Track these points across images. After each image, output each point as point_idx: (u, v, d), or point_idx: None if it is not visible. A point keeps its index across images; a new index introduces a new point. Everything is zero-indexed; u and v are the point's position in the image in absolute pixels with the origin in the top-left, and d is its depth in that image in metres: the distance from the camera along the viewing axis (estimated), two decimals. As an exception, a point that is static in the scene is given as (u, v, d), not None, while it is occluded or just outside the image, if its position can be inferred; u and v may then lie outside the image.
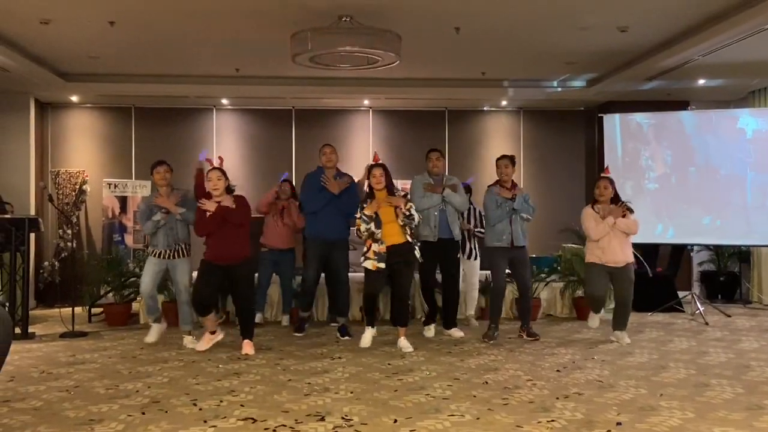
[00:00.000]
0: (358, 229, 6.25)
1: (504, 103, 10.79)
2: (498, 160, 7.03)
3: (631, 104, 9.90)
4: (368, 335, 6.36)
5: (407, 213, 6.16)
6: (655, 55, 7.94)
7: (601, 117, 9.71)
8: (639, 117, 9.41)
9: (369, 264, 6.19)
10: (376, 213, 6.19)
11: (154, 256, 6.51)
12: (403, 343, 6.13)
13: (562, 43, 7.76)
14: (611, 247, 6.43)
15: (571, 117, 11.12)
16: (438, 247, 6.73)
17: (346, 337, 6.75)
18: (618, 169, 9.35)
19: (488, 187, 6.98)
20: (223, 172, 6.13)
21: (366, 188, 6.58)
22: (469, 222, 7.60)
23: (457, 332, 6.92)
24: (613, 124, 9.51)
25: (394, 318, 6.49)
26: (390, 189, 6.29)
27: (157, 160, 6.68)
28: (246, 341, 6.08)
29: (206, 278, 6.01)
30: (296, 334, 6.96)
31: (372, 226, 6.17)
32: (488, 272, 7.12)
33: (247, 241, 6.14)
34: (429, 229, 6.72)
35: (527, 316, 6.94)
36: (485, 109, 11.10)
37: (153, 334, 6.71)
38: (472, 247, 7.71)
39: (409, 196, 6.51)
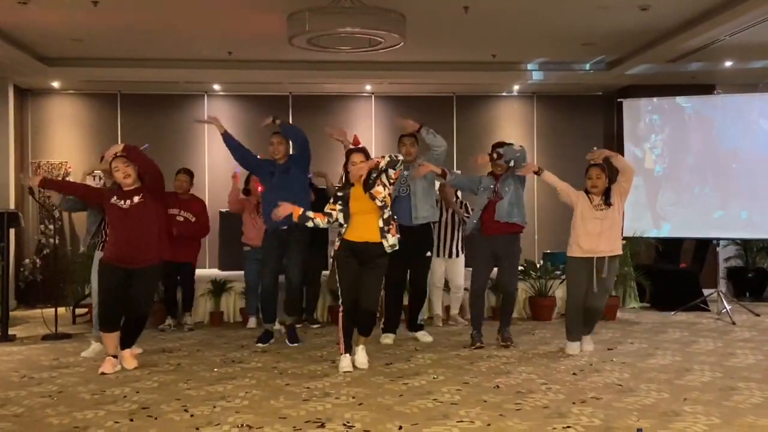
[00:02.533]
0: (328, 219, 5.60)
1: (516, 87, 10.76)
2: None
3: (653, 88, 9.87)
4: (346, 362, 5.53)
5: (389, 160, 5.49)
6: (678, 36, 7.92)
7: (621, 102, 9.69)
8: (662, 101, 9.38)
9: (336, 244, 5.60)
10: (347, 196, 5.55)
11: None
12: (360, 355, 5.59)
13: (578, 23, 7.74)
14: (588, 232, 5.96)
15: (589, 102, 11.08)
16: (407, 234, 6.12)
17: (294, 344, 6.51)
18: (638, 159, 9.35)
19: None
20: (130, 158, 5.54)
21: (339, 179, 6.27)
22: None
23: (423, 336, 6.80)
24: (634, 109, 9.48)
25: (357, 326, 5.65)
26: (368, 178, 5.55)
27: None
28: (126, 351, 5.60)
29: (109, 283, 5.53)
30: (258, 345, 6.53)
31: (340, 215, 5.54)
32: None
33: (161, 242, 5.65)
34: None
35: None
36: (496, 94, 11.08)
37: (94, 350, 6.21)
38: (456, 244, 7.69)
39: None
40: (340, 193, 5.64)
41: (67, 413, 4.36)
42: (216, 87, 10.52)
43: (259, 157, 6.77)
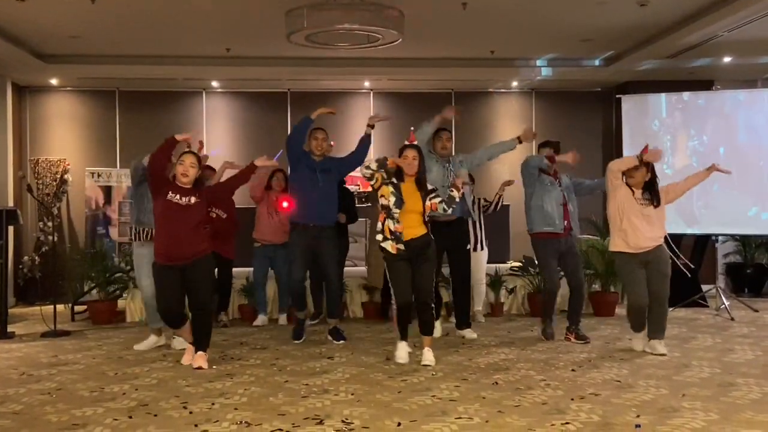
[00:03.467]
0: (368, 168, 5.57)
1: (515, 83, 10.76)
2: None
3: (652, 84, 9.86)
4: (403, 350, 5.68)
5: (449, 204, 5.61)
6: (677, 32, 7.91)
7: (619, 98, 9.69)
8: (661, 97, 9.38)
9: (389, 245, 5.53)
10: (399, 187, 5.56)
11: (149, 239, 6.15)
12: (426, 355, 5.60)
13: (577, 19, 7.73)
14: (636, 225, 5.85)
15: (587, 98, 11.09)
16: (446, 228, 6.33)
17: (341, 341, 6.57)
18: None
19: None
20: (199, 159, 5.66)
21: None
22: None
23: (470, 333, 6.77)
24: (632, 105, 9.48)
25: (420, 327, 5.72)
26: (421, 178, 5.65)
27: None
28: (200, 353, 5.60)
29: (165, 285, 5.55)
30: (295, 342, 6.59)
31: (391, 198, 5.52)
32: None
33: (206, 235, 5.67)
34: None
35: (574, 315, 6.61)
36: (495, 90, 11.07)
37: (149, 344, 6.39)
38: (479, 236, 7.69)
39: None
40: (394, 180, 5.60)
41: (66, 410, 4.37)
42: (214, 84, 10.52)
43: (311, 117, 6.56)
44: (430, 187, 5.70)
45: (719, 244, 10.28)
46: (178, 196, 5.47)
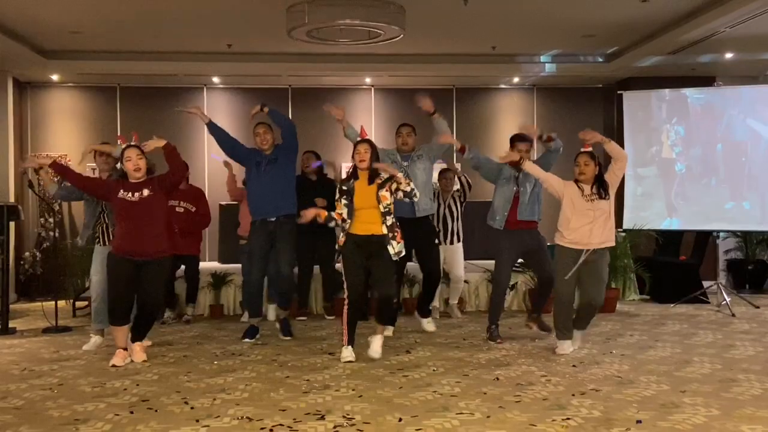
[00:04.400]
0: (335, 218, 5.65)
1: (516, 79, 10.75)
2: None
3: (653, 80, 9.86)
4: (348, 352, 5.59)
5: (407, 189, 5.53)
6: (679, 27, 7.90)
7: (621, 94, 9.68)
8: (662, 93, 9.37)
9: (342, 237, 5.64)
10: (352, 190, 5.59)
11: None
12: (374, 345, 5.63)
13: (579, 15, 7.72)
14: (579, 222, 5.69)
15: (589, 94, 11.08)
16: (411, 227, 6.23)
17: (288, 337, 6.50)
18: (639, 151, 9.35)
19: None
20: (142, 151, 5.57)
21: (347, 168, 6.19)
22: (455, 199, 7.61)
23: (428, 324, 6.76)
24: (633, 101, 9.47)
25: (377, 314, 5.84)
26: (373, 170, 5.65)
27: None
28: (137, 344, 5.59)
29: (118, 274, 5.48)
30: (244, 340, 6.42)
31: (344, 210, 5.58)
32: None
33: (168, 233, 5.65)
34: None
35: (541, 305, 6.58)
36: (496, 86, 11.06)
37: (94, 344, 6.22)
38: (454, 228, 7.63)
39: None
40: (344, 187, 5.65)
41: (68, 406, 4.37)
42: (215, 80, 10.51)
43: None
44: (384, 176, 5.58)
45: (720, 240, 10.28)
46: (129, 194, 5.46)
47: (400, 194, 5.57)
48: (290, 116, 10.63)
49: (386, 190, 5.56)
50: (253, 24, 7.89)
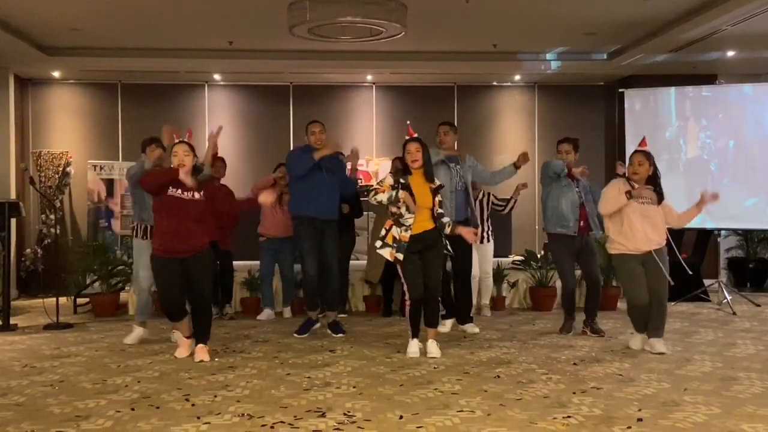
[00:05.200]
0: (375, 196, 5.59)
1: (518, 77, 10.74)
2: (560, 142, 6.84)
3: (655, 78, 9.85)
4: (415, 347, 5.66)
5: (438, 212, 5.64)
6: (681, 25, 7.90)
7: (622, 92, 9.67)
8: (664, 91, 9.36)
9: (386, 253, 5.58)
10: (409, 187, 5.54)
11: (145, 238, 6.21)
12: (430, 347, 5.61)
13: (580, 13, 7.71)
14: (638, 227, 5.73)
15: (590, 92, 11.07)
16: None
17: (340, 335, 6.58)
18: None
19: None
20: (192, 148, 5.57)
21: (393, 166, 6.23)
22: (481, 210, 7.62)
23: (472, 327, 6.76)
24: (635, 99, 9.46)
25: (425, 319, 5.73)
26: (428, 169, 5.66)
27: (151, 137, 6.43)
28: (200, 346, 5.58)
29: (166, 277, 5.50)
30: (296, 335, 6.54)
31: (402, 206, 5.53)
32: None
33: (209, 229, 5.64)
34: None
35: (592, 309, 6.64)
36: (498, 84, 11.06)
37: (136, 336, 6.36)
38: (485, 229, 7.68)
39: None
40: (402, 180, 5.58)
41: (69, 402, 4.37)
42: (216, 77, 10.51)
43: (316, 159, 6.43)
44: (437, 183, 5.70)
45: (721, 238, 10.28)
46: (179, 191, 5.42)
47: (438, 211, 5.67)
48: (291, 114, 10.70)
49: (438, 197, 5.64)
50: (255, 21, 7.89)
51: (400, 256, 5.54)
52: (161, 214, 5.46)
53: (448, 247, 5.72)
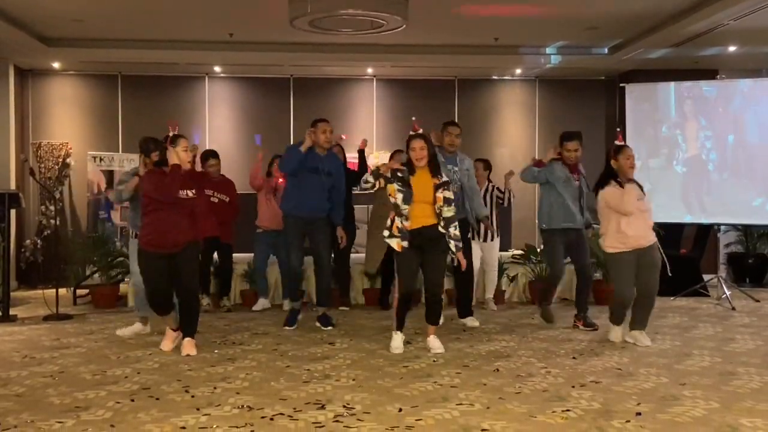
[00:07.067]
0: (366, 182, 5.60)
1: (519, 71, 10.72)
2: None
3: (656, 73, 9.84)
4: (398, 341, 5.62)
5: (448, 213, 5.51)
6: (683, 20, 7.88)
7: (623, 87, 9.66)
8: (665, 86, 9.35)
9: (394, 243, 5.49)
10: (409, 183, 5.47)
11: None
12: (434, 343, 5.59)
13: (582, 6, 7.70)
14: (635, 225, 5.72)
15: (591, 87, 11.06)
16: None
17: (329, 327, 6.56)
18: (642, 143, 9.33)
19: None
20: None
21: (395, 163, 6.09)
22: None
23: (472, 321, 6.79)
24: (636, 94, 9.45)
25: (427, 316, 5.71)
26: (435, 164, 5.55)
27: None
28: (187, 339, 5.57)
29: (152, 269, 5.46)
30: (285, 328, 6.55)
31: (398, 195, 5.45)
32: None
33: (204, 224, 5.64)
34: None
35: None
36: (498, 78, 11.04)
37: (132, 330, 6.35)
38: (493, 225, 7.64)
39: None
40: (399, 174, 5.51)
41: (69, 393, 4.38)
42: (217, 69, 10.49)
43: (302, 151, 6.40)
44: (444, 178, 5.57)
45: (721, 233, 10.29)
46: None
47: (444, 206, 5.51)
48: (291, 106, 10.69)
49: (441, 192, 5.49)
50: (255, 13, 7.87)
51: (406, 244, 5.46)
52: (150, 209, 5.42)
53: (452, 247, 5.53)
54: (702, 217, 9.06)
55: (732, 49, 9.16)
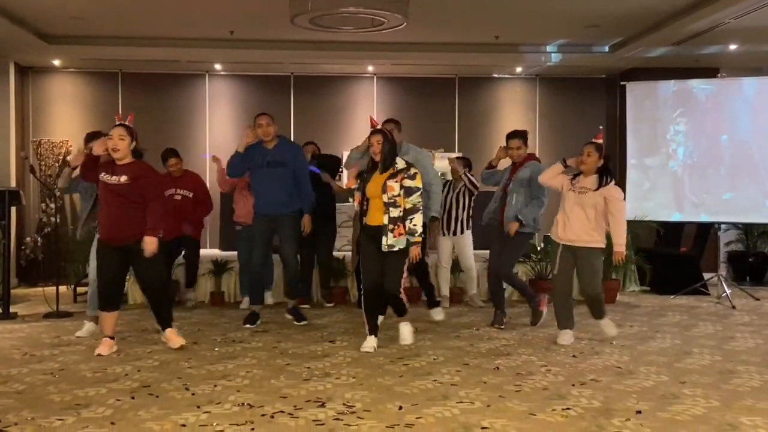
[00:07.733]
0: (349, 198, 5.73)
1: (519, 69, 10.72)
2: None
3: (657, 71, 9.83)
4: (371, 342, 5.57)
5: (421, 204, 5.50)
6: (683, 18, 7.87)
7: (624, 85, 9.66)
8: (665, 84, 9.35)
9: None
10: (364, 175, 5.61)
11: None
12: (403, 331, 5.77)
13: (583, 4, 7.69)
14: (563, 215, 5.74)
15: (592, 85, 11.05)
16: None
17: (304, 322, 6.60)
18: (642, 142, 9.34)
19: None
20: (129, 130, 5.35)
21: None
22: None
23: (436, 313, 6.82)
24: (637, 92, 9.45)
25: (394, 311, 5.80)
26: (386, 162, 5.48)
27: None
28: (168, 330, 5.56)
29: (106, 260, 5.37)
30: (246, 326, 6.48)
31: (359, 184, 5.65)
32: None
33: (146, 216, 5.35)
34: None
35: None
36: (499, 76, 11.03)
37: (87, 330, 6.19)
38: (460, 218, 7.58)
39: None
40: (365, 175, 5.65)
41: (69, 390, 4.39)
42: (217, 66, 10.48)
43: (239, 151, 6.49)
44: (400, 166, 5.48)
45: (721, 232, 10.29)
46: (108, 175, 5.29)
47: (413, 196, 5.43)
48: (292, 104, 10.68)
49: (396, 181, 5.42)
50: (256, 11, 7.86)
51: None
52: (101, 201, 5.41)
53: (387, 244, 5.41)
54: (702, 215, 9.07)
55: (733, 47, 9.16)
